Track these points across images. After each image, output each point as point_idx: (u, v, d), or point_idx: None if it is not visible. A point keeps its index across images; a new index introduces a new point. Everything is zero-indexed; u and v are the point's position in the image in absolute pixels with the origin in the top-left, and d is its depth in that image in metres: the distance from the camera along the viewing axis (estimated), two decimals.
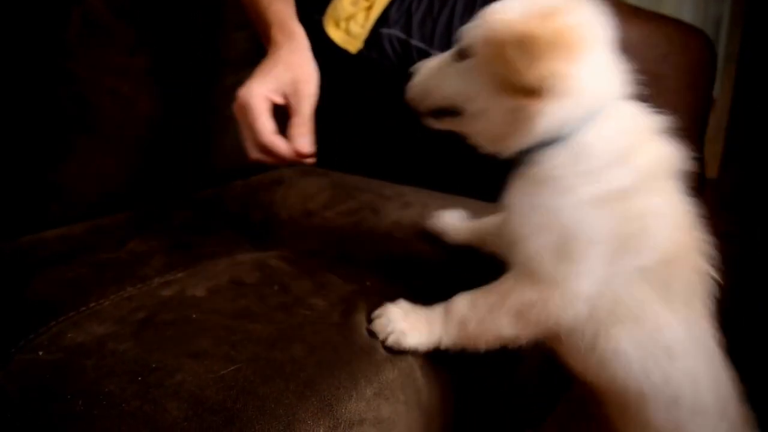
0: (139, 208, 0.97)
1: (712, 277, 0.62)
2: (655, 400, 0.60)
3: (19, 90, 0.89)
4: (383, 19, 1.07)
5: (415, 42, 1.07)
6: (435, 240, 0.86)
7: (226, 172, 1.12)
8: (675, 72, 0.98)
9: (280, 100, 0.73)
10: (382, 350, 0.63)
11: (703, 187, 1.07)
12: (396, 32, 1.07)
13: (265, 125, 0.70)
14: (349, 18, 1.06)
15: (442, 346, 0.64)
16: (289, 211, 0.98)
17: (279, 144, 0.70)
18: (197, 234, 0.88)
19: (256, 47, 1.14)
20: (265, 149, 0.71)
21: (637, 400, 0.61)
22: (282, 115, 0.74)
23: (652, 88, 0.99)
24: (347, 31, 1.07)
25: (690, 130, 1.02)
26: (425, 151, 1.10)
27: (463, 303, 0.64)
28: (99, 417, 0.52)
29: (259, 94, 0.71)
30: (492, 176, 0.65)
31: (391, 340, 0.63)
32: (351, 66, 1.12)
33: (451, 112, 0.64)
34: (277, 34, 0.78)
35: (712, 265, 0.62)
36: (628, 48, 0.98)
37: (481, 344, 0.63)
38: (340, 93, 1.23)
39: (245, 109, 0.71)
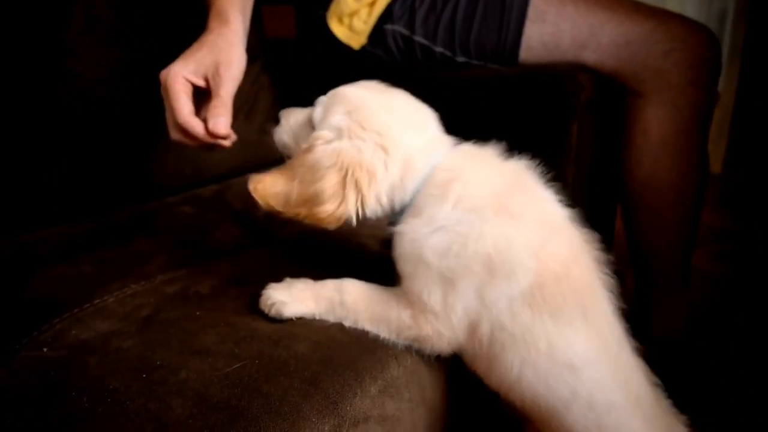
0: (142, 205, 0.97)
1: (608, 281, 0.64)
2: (568, 411, 0.62)
3: (20, 87, 0.89)
4: (387, 16, 1.06)
5: (419, 38, 1.06)
6: None
7: (230, 168, 1.12)
8: (677, 68, 0.97)
9: (200, 83, 0.74)
10: (386, 347, 0.63)
11: (707, 183, 1.06)
12: (399, 29, 1.07)
13: (183, 106, 0.71)
14: (353, 14, 1.06)
15: (330, 320, 0.66)
16: None
17: (194, 124, 0.71)
18: (200, 231, 0.88)
19: (258, 43, 1.14)
20: (182, 130, 0.72)
21: (552, 414, 0.63)
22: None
23: (655, 84, 0.99)
24: (350, 27, 1.06)
25: (693, 126, 1.01)
26: None
27: (359, 296, 0.65)
28: (103, 414, 0.51)
29: (177, 74, 0.72)
30: None
31: (273, 311, 0.65)
32: (354, 62, 1.12)
33: None
34: (212, 20, 0.79)
35: (603, 271, 0.64)
36: (630, 44, 0.99)
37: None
38: None
39: (165, 90, 0.72)
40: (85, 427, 0.51)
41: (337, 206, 0.61)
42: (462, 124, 1.04)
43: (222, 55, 0.74)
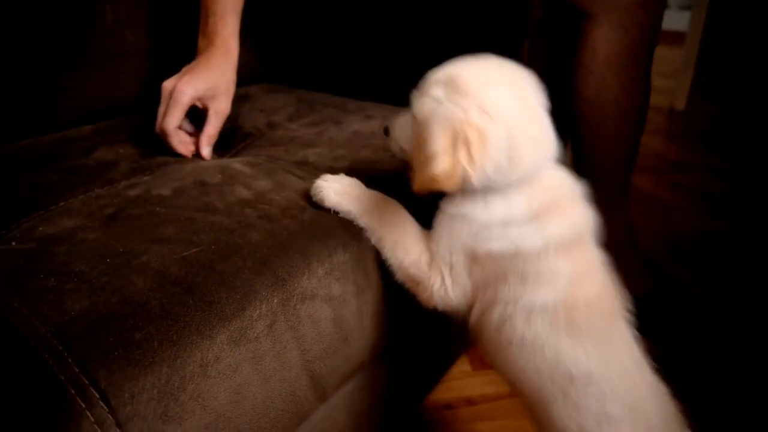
0: (104, 120, 1.00)
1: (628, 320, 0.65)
2: (557, 409, 0.62)
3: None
4: None
5: None
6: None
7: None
8: None
9: (198, 104, 0.88)
10: (334, 237, 0.68)
11: (647, 107, 1.11)
12: None
13: (176, 119, 0.85)
14: None
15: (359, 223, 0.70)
16: (254, 123, 1.01)
17: (173, 139, 0.86)
18: (163, 144, 0.91)
19: None
20: (162, 131, 0.86)
21: (541, 405, 0.64)
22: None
23: (604, 4, 1.02)
24: None
25: (640, 48, 1.06)
26: (394, 68, 1.11)
27: (396, 218, 0.69)
28: (70, 290, 0.56)
29: (186, 93, 0.84)
30: None
31: (318, 197, 0.70)
32: None
33: None
34: (216, 46, 0.89)
35: (626, 311, 0.65)
36: None
37: None
38: (316, 16, 1.23)
39: (169, 98, 0.84)
40: (52, 301, 0.55)
41: (450, 164, 0.58)
42: (417, 43, 1.07)
43: (221, 89, 0.88)
